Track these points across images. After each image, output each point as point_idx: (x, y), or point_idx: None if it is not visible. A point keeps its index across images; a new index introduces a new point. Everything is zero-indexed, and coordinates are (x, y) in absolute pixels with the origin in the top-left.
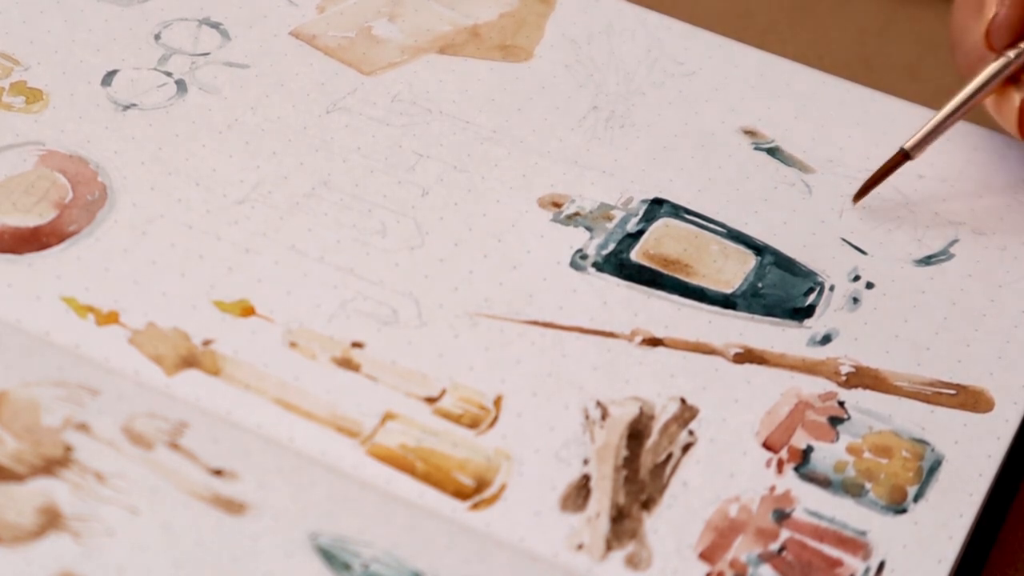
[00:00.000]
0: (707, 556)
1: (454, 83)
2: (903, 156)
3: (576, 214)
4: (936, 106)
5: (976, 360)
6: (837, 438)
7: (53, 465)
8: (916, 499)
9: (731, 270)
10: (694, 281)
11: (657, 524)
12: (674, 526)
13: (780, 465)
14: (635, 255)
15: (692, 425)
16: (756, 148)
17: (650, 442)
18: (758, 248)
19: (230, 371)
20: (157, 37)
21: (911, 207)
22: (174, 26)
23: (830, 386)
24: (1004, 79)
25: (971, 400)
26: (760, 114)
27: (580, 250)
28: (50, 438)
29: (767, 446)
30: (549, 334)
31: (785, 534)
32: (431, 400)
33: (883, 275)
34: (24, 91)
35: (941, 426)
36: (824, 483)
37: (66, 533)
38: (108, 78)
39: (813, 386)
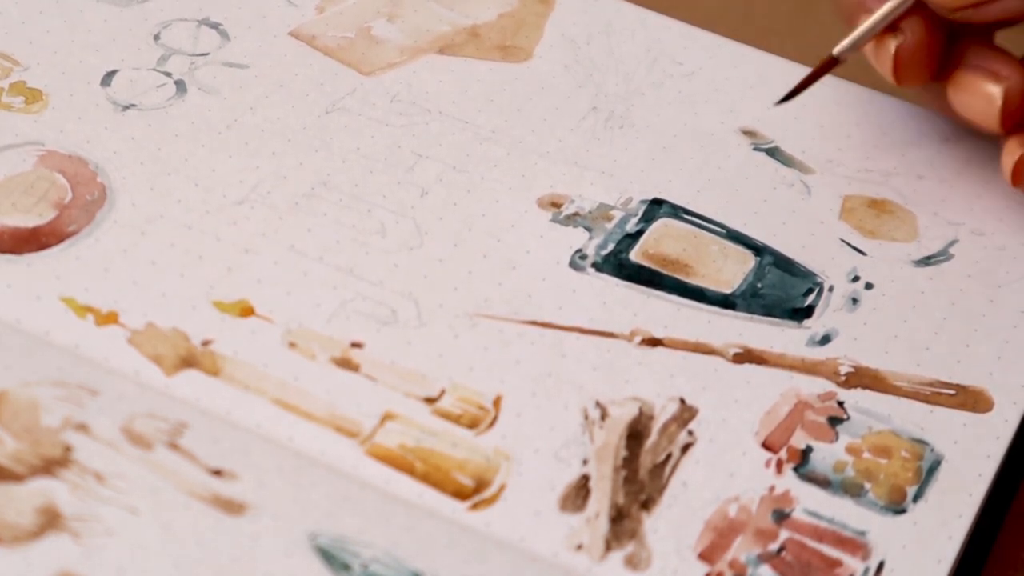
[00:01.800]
0: (706, 556)
1: (453, 83)
2: (833, 61)
3: (575, 214)
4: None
5: (975, 360)
6: (836, 438)
7: (53, 465)
8: (915, 499)
9: (730, 270)
10: (693, 281)
11: (657, 524)
12: (674, 526)
13: (779, 465)
14: (634, 255)
15: (692, 425)
16: (755, 149)
17: (649, 442)
18: (757, 248)
19: (230, 371)
20: (156, 37)
21: (911, 207)
22: (173, 26)
23: (829, 386)
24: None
25: (970, 400)
26: (759, 114)
27: (579, 250)
28: (50, 438)
29: (766, 446)
30: (548, 334)
31: (784, 534)
32: (430, 400)
33: (882, 275)
34: (23, 91)
35: (940, 426)
36: (823, 483)
37: (66, 533)
38: (107, 78)
39: (812, 386)
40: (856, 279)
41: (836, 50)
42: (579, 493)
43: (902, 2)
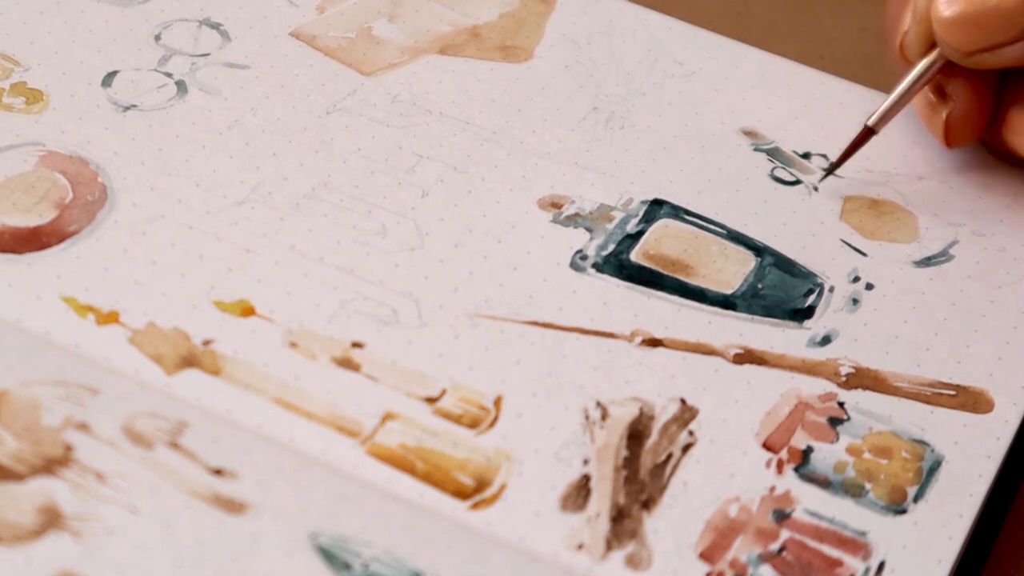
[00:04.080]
0: (707, 556)
1: (454, 84)
2: (868, 132)
3: (576, 215)
4: None
5: (976, 361)
6: (837, 439)
7: (53, 465)
8: (916, 499)
9: (731, 271)
10: (694, 282)
11: (657, 524)
12: (674, 526)
13: (780, 465)
14: (635, 256)
15: (692, 425)
16: (756, 149)
17: (650, 442)
18: (758, 249)
19: (230, 371)
20: (157, 38)
21: (911, 208)
22: (174, 27)
23: (830, 387)
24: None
25: (971, 401)
26: (760, 115)
27: (580, 251)
28: (50, 438)
29: (767, 446)
30: (549, 335)
31: (785, 534)
32: (431, 400)
33: (883, 276)
34: (24, 92)
35: (941, 427)
36: (824, 483)
37: (66, 533)
38: (108, 79)
39: (813, 387)
40: (856, 280)
41: (870, 121)
42: (580, 493)
43: (926, 69)
